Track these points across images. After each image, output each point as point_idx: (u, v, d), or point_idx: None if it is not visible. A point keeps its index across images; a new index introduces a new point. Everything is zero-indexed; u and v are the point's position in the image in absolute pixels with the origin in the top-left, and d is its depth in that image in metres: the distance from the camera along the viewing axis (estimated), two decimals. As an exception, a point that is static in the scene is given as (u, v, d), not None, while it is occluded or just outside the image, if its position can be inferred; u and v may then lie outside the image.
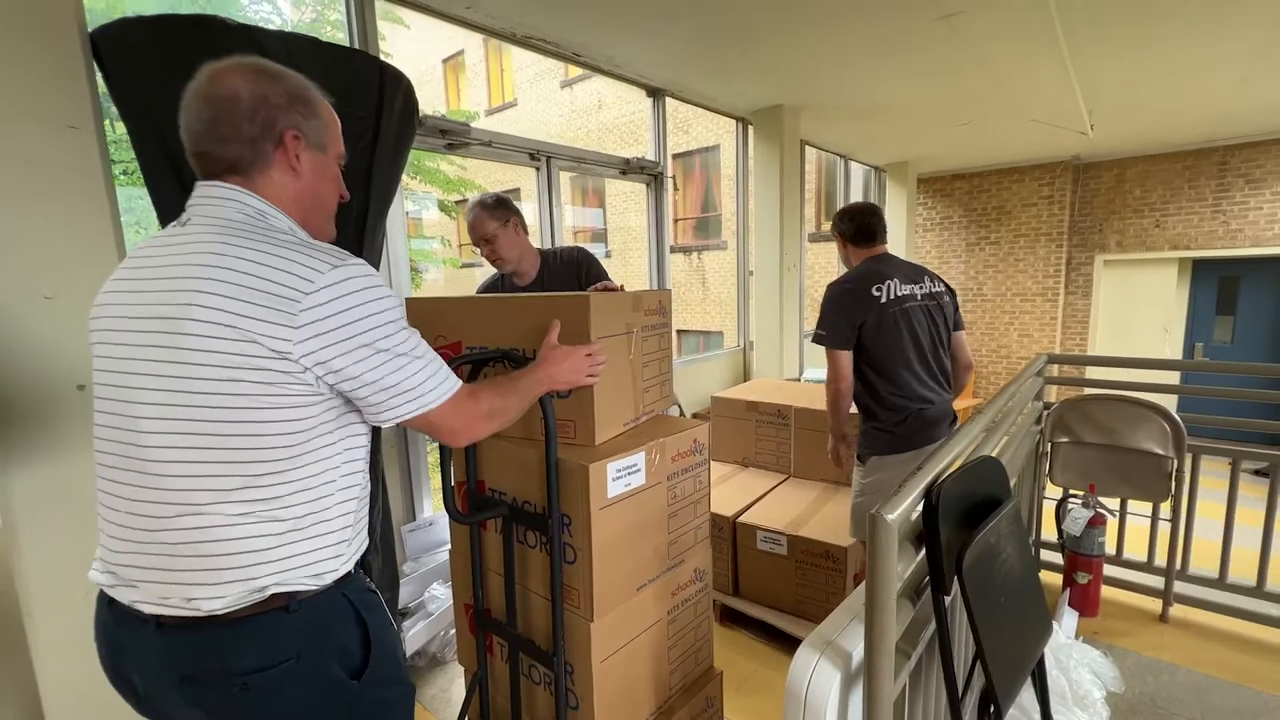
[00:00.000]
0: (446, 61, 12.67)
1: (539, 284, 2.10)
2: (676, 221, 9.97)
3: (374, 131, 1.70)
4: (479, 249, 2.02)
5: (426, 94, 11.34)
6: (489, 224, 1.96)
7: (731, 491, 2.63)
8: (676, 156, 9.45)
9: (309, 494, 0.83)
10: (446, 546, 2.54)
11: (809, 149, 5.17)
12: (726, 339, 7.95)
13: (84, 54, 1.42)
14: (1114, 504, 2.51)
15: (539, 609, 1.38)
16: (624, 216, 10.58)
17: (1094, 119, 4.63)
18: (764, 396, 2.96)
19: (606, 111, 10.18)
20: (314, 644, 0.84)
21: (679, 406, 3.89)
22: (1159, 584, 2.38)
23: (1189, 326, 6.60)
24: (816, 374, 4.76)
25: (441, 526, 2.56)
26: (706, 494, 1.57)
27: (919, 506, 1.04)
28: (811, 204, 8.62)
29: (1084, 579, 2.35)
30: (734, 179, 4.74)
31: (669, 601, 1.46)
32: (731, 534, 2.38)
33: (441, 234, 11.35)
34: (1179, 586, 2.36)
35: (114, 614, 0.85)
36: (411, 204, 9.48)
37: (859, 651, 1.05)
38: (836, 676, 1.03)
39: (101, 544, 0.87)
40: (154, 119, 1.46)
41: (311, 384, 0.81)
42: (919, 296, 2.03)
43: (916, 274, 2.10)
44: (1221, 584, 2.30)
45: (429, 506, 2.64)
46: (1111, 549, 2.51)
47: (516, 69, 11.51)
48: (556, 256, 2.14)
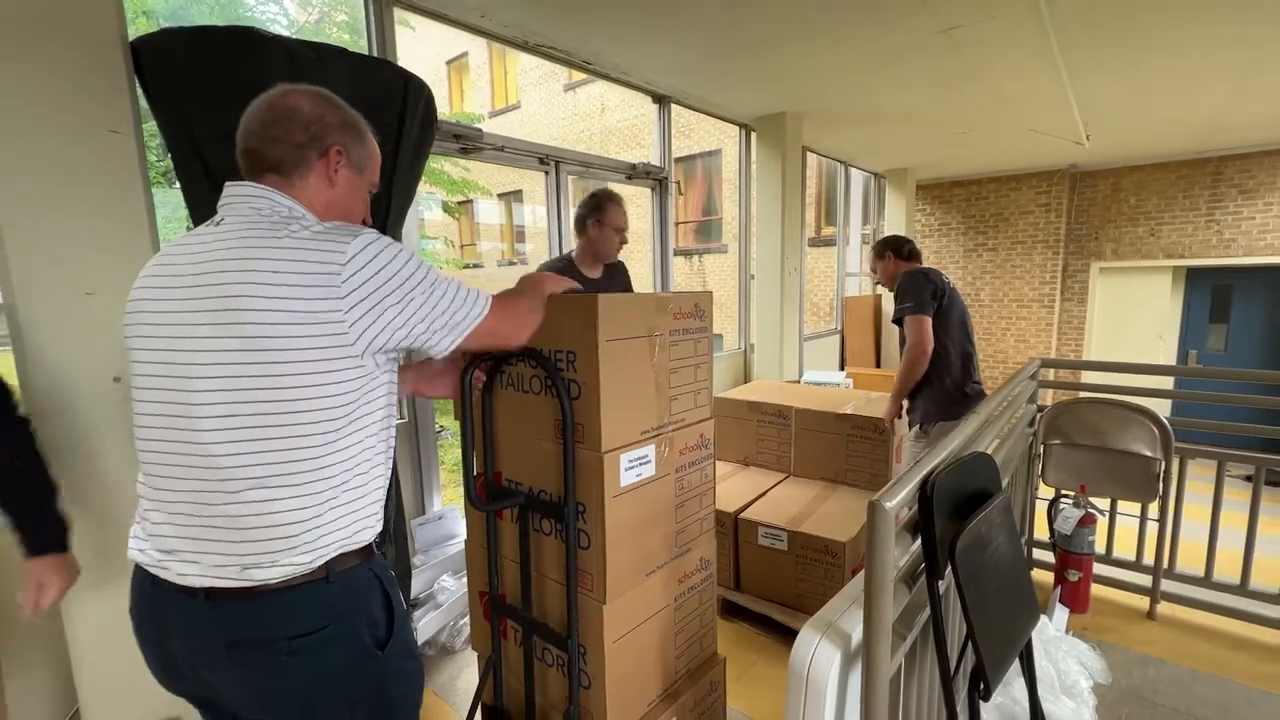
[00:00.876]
0: (450, 63, 12.76)
1: (605, 278, 2.34)
2: (678, 225, 10.05)
3: (396, 137, 1.77)
4: (612, 239, 2.28)
5: (430, 95, 11.40)
6: (626, 217, 2.31)
7: (733, 489, 2.70)
8: (678, 160, 9.54)
9: (352, 467, 0.91)
10: (455, 539, 2.61)
11: (810, 155, 5.26)
12: (726, 341, 8.02)
13: (125, 62, 1.49)
14: (1104, 504, 2.59)
15: (553, 594, 1.44)
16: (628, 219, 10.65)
17: (1090, 130, 4.72)
18: (765, 397, 3.03)
19: (609, 115, 10.27)
20: (349, 613, 0.92)
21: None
22: (1147, 582, 2.45)
23: (1183, 334, 6.69)
24: (816, 376, 4.84)
25: (450, 520, 2.62)
26: (712, 487, 1.63)
27: (916, 497, 1.12)
28: (812, 209, 8.71)
29: (1074, 576, 2.43)
30: (735, 183, 4.82)
31: (676, 588, 1.52)
32: (733, 529, 2.45)
33: (445, 234, 11.41)
34: (1166, 585, 2.44)
35: (158, 590, 0.91)
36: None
37: (858, 633, 1.13)
38: (836, 656, 1.10)
39: (147, 523, 0.92)
40: (189, 126, 1.53)
41: (358, 355, 0.88)
42: (958, 296, 2.56)
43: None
44: (1207, 582, 2.38)
45: (438, 501, 2.71)
46: (1101, 548, 2.59)
47: (520, 72, 11.60)
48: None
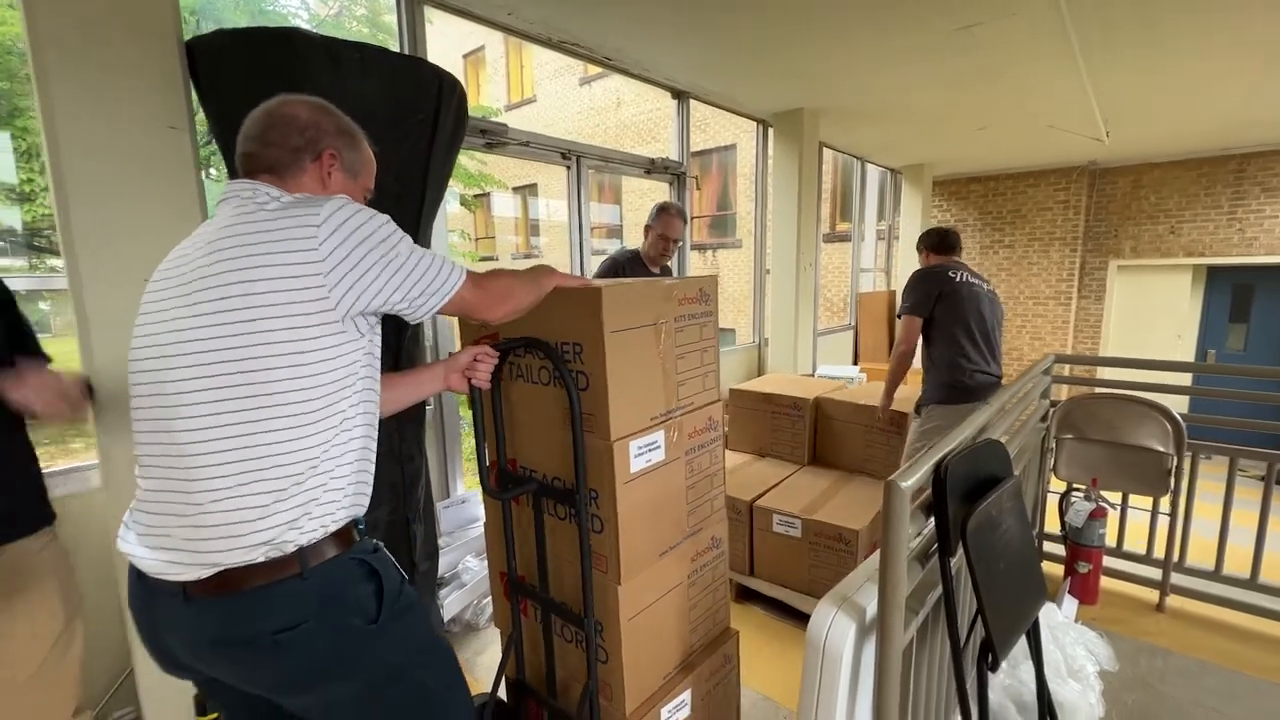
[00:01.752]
0: (467, 57, 12.83)
1: (666, 276, 2.67)
2: (692, 219, 10.08)
3: (431, 132, 1.84)
4: (661, 242, 2.58)
5: (447, 89, 11.48)
6: (680, 229, 2.60)
7: (749, 478, 2.76)
8: (694, 155, 9.55)
9: (325, 445, 0.90)
10: (478, 522, 2.71)
11: (826, 150, 5.28)
12: (739, 336, 8.05)
13: (180, 63, 1.57)
14: (1116, 499, 2.62)
15: (569, 574, 1.48)
16: (640, 213, 10.70)
17: (1110, 127, 4.70)
18: (780, 389, 3.08)
19: (625, 109, 10.30)
20: (331, 604, 0.91)
21: (696, 399, 4.03)
22: (1157, 575, 2.49)
23: (1202, 333, 6.64)
24: (830, 370, 4.87)
25: (474, 504, 2.71)
26: (721, 468, 1.66)
27: (930, 479, 1.18)
28: (827, 204, 8.70)
29: (1084, 568, 2.46)
30: (751, 178, 4.85)
31: (689, 566, 1.57)
32: (749, 517, 2.52)
33: (461, 228, 11.53)
34: (1176, 578, 2.47)
35: (144, 586, 0.91)
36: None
37: (873, 606, 1.19)
38: (852, 627, 1.17)
39: (134, 516, 0.93)
40: (235, 122, 1.61)
41: (339, 320, 0.88)
42: (985, 289, 2.64)
43: (980, 276, 2.71)
44: (1217, 576, 2.40)
45: (462, 485, 2.80)
46: (1113, 542, 2.62)
47: (536, 65, 11.65)
48: None
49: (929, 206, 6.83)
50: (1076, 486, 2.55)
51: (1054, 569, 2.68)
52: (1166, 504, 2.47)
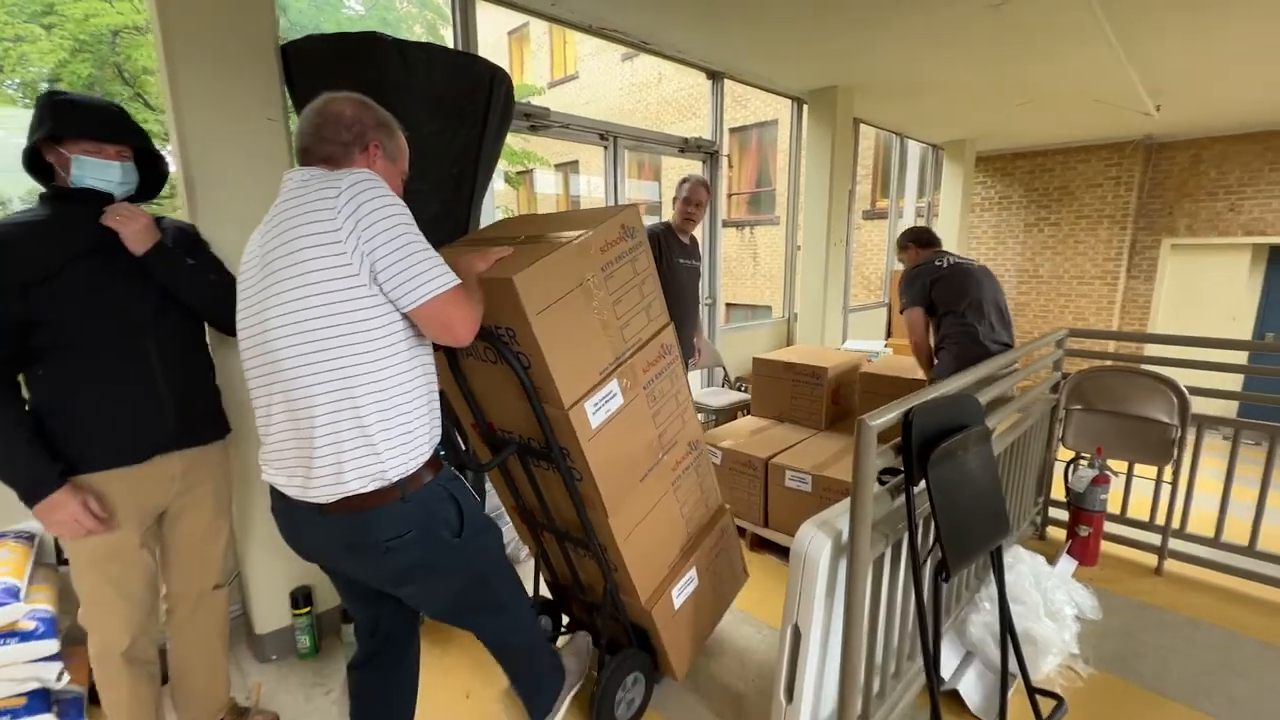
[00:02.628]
0: (512, 34, 13.01)
1: (691, 245, 2.95)
2: (730, 196, 10.11)
3: (483, 120, 2.09)
4: (687, 207, 2.84)
5: (493, 67, 11.75)
6: (703, 195, 2.84)
7: (768, 440, 2.98)
8: (733, 131, 9.56)
9: (392, 389, 1.06)
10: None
11: (868, 127, 5.29)
12: (775, 313, 8.15)
13: (276, 63, 1.86)
14: (1124, 470, 2.72)
15: (566, 510, 1.63)
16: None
17: (1161, 100, 4.57)
18: (801, 359, 3.27)
19: (666, 85, 10.35)
20: (424, 521, 1.15)
21: (724, 368, 4.24)
22: (1157, 541, 2.60)
23: (1260, 315, 6.38)
24: (857, 344, 5.00)
25: (517, 455, 3.02)
26: (684, 384, 1.73)
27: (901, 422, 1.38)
28: (868, 181, 8.63)
29: (1085, 531, 2.60)
30: (789, 154, 4.94)
31: (670, 476, 1.70)
32: (764, 473, 2.75)
33: (505, 204, 11.87)
34: (1175, 544, 2.58)
35: (288, 503, 1.14)
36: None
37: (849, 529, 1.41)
38: (828, 544, 1.40)
39: (269, 452, 1.14)
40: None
41: (366, 282, 1.00)
42: (974, 265, 2.79)
43: (967, 258, 2.87)
44: (1216, 543, 2.50)
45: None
46: (1118, 510, 2.74)
47: (579, 41, 11.75)
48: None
49: (971, 183, 6.73)
50: (1083, 455, 2.67)
51: (1059, 533, 2.82)
52: (1170, 474, 2.57)
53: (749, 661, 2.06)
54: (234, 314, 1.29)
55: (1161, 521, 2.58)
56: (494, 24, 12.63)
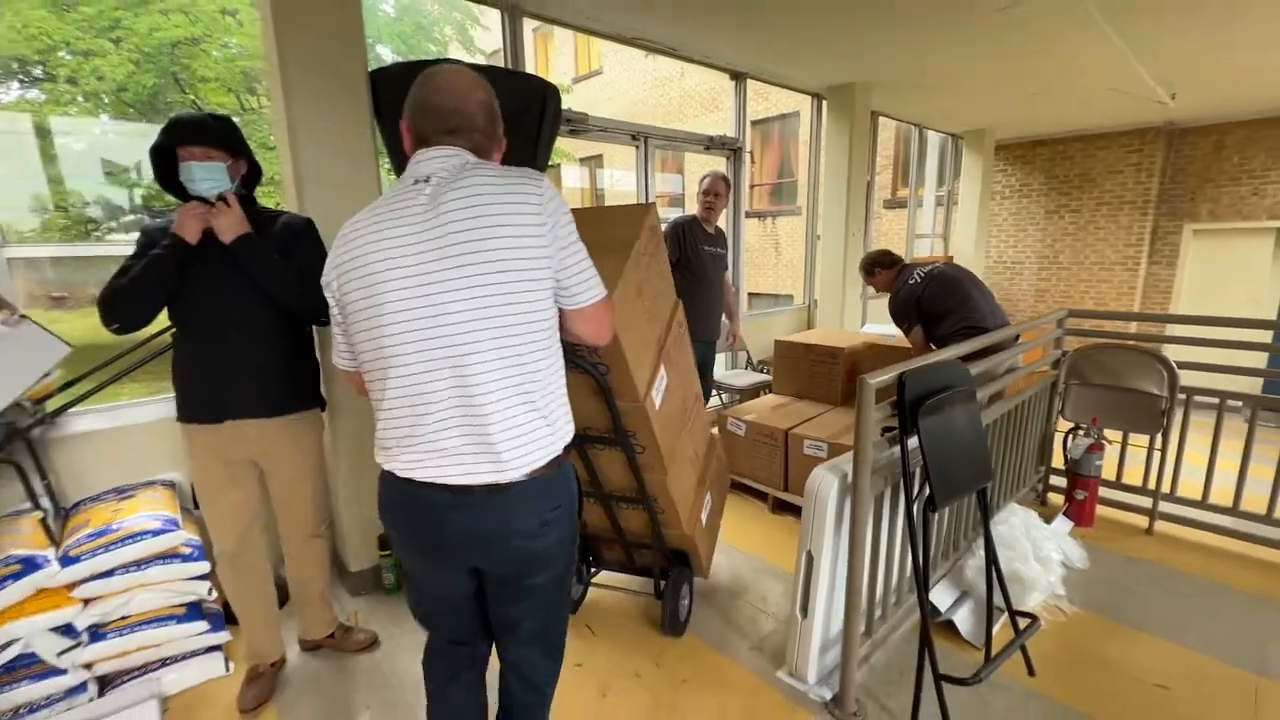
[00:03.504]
0: (536, 31, 13.31)
1: (716, 234, 3.26)
2: (752, 188, 10.30)
3: (537, 130, 2.40)
4: (706, 198, 3.15)
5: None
6: (723, 188, 3.15)
7: (788, 414, 3.26)
8: (756, 124, 9.74)
9: (557, 374, 1.10)
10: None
11: (888, 118, 5.47)
12: (796, 301, 8.36)
13: (366, 85, 2.19)
14: (1120, 440, 2.95)
15: (620, 478, 1.88)
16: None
17: (1176, 88, 4.68)
18: (819, 340, 3.53)
19: (688, 79, 10.55)
20: (570, 492, 1.17)
21: (747, 353, 4.52)
22: (1148, 504, 2.82)
23: (1284, 299, 6.41)
24: (875, 329, 5.22)
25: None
26: (686, 343, 1.99)
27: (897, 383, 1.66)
28: (888, 170, 8.76)
29: (1081, 495, 2.84)
30: (809, 147, 5.17)
31: (686, 424, 1.98)
32: (784, 443, 3.03)
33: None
34: (1165, 506, 2.80)
35: (424, 499, 1.07)
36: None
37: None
38: (835, 482, 1.70)
39: (417, 440, 1.04)
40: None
41: (549, 279, 1.04)
42: (941, 266, 2.92)
43: (930, 262, 3.01)
44: (1203, 505, 2.72)
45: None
46: (1113, 477, 2.96)
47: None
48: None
49: (990, 171, 6.85)
50: (1081, 426, 2.90)
51: (1059, 499, 3.06)
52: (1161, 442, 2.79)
53: (770, 599, 2.36)
54: (311, 304, 1.53)
55: (1153, 486, 2.81)
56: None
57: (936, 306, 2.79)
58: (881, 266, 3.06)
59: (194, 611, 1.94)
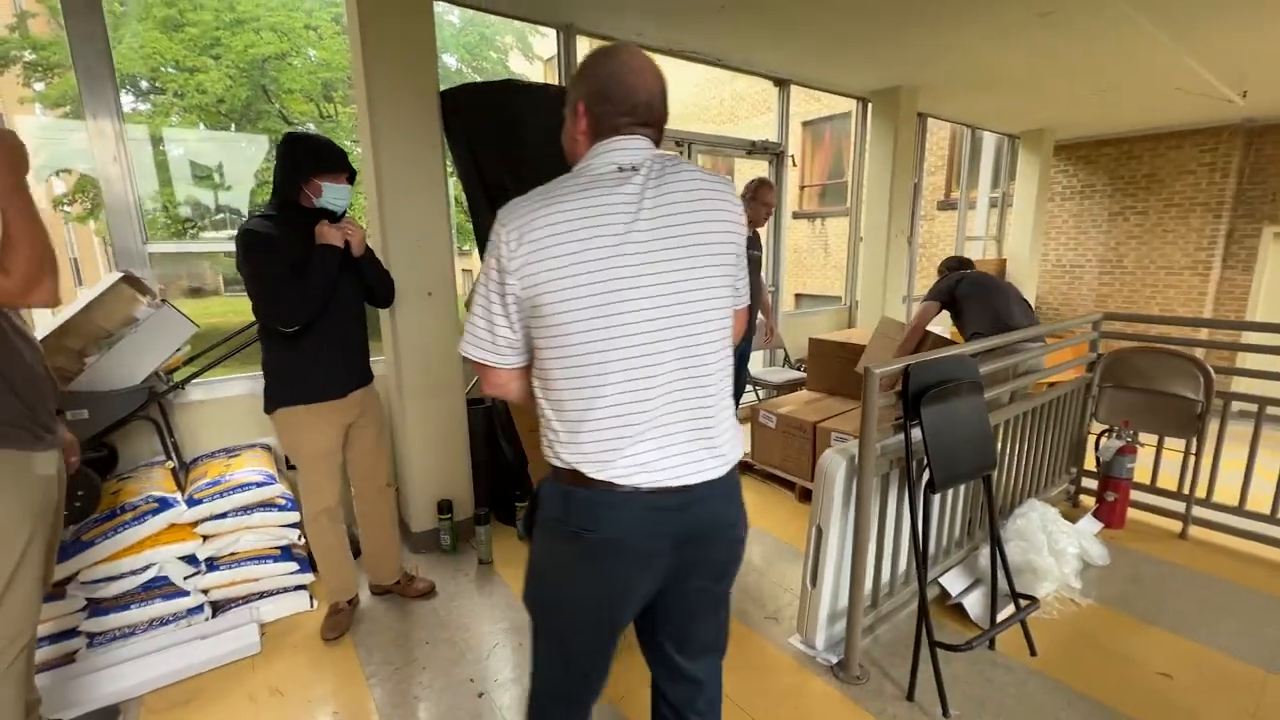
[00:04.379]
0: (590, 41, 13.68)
1: (753, 236, 3.23)
2: (802, 189, 10.31)
3: (585, 141, 2.65)
4: (753, 210, 3.24)
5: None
6: (770, 195, 3.26)
7: (818, 409, 3.40)
8: (806, 124, 9.75)
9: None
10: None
11: (939, 119, 5.45)
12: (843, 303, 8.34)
13: (437, 104, 2.49)
14: (1154, 444, 2.94)
15: None
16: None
17: (1247, 85, 4.49)
18: (851, 339, 3.65)
19: (739, 81, 10.62)
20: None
21: (784, 350, 4.66)
22: (1182, 509, 2.81)
23: (1376, 308, 5.98)
24: (916, 332, 5.23)
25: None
26: None
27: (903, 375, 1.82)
28: (941, 172, 8.60)
29: (1111, 497, 2.86)
30: (854, 149, 5.23)
31: None
32: (813, 435, 3.18)
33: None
34: (1199, 511, 2.78)
35: (662, 498, 0.97)
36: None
37: (860, 452, 1.86)
38: (843, 462, 1.86)
39: (644, 439, 0.95)
40: (473, 152, 2.51)
41: (738, 277, 1.07)
42: (993, 275, 3.05)
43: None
44: (1240, 511, 2.70)
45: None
46: (1147, 481, 2.96)
47: (657, 41, 12.21)
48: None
49: (1048, 173, 6.68)
50: (1114, 428, 2.92)
51: (1092, 502, 3.08)
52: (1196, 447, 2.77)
53: (790, 577, 2.53)
54: (391, 297, 1.89)
55: (1187, 491, 2.80)
56: (577, 28, 13.33)
57: (973, 292, 2.96)
58: (947, 268, 3.35)
59: (286, 554, 2.29)
